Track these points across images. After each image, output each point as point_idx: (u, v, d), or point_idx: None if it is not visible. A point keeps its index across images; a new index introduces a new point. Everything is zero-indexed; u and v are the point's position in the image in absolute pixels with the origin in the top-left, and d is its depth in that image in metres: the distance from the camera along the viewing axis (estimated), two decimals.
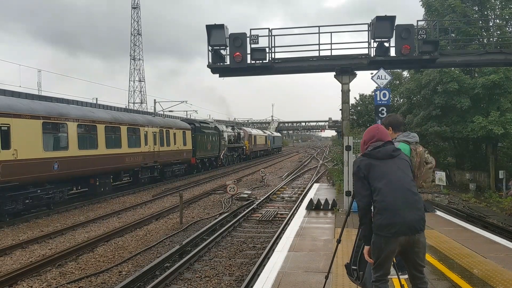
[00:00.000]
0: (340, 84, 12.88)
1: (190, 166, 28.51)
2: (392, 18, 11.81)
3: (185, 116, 51.77)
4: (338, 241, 4.13)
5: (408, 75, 28.71)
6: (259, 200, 16.25)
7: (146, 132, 21.53)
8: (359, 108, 34.85)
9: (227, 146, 37.76)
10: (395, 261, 3.74)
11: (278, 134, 78.37)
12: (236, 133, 41.60)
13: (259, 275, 6.08)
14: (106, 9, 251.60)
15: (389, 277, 4.65)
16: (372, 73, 11.51)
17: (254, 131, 53.44)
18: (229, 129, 40.01)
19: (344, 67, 12.74)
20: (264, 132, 60.68)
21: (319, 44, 12.93)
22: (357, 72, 12.94)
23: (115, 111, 24.74)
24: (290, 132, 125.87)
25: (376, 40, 12.31)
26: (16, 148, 12.70)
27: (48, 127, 14.36)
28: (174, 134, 25.22)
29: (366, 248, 3.41)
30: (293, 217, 11.13)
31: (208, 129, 32.47)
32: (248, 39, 12.55)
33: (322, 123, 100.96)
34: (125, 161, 19.28)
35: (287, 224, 10.84)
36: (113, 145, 18.31)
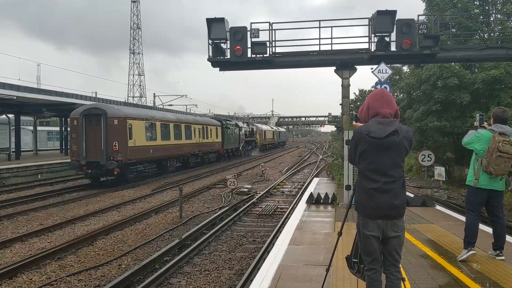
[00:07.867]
0: (340, 79, 12.85)
1: (219, 155, 35.26)
2: (393, 12, 11.74)
3: (185, 110, 54.12)
4: (339, 234, 4.12)
5: (408, 70, 28.63)
6: (259, 194, 16.25)
7: (194, 128, 28.46)
8: (358, 103, 34.92)
9: (244, 140, 43.49)
10: None
11: (283, 130, 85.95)
12: (250, 129, 47.47)
13: (259, 268, 6.08)
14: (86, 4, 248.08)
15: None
16: (372, 68, 11.46)
17: (264, 127, 59.89)
18: (245, 125, 45.63)
19: (344, 62, 12.69)
20: (272, 128, 67.48)
21: (319, 39, 12.87)
22: (357, 67, 12.89)
23: (178, 114, 33.18)
24: (290, 127, 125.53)
25: (377, 34, 12.25)
26: (135, 138, 19.62)
27: (147, 126, 21.28)
28: (210, 129, 32.26)
29: None
30: (293, 211, 11.13)
31: (231, 125, 38.86)
32: (248, 33, 12.49)
33: (322, 118, 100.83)
34: (183, 149, 26.19)
35: (287, 218, 10.83)
36: (177, 137, 24.99)
